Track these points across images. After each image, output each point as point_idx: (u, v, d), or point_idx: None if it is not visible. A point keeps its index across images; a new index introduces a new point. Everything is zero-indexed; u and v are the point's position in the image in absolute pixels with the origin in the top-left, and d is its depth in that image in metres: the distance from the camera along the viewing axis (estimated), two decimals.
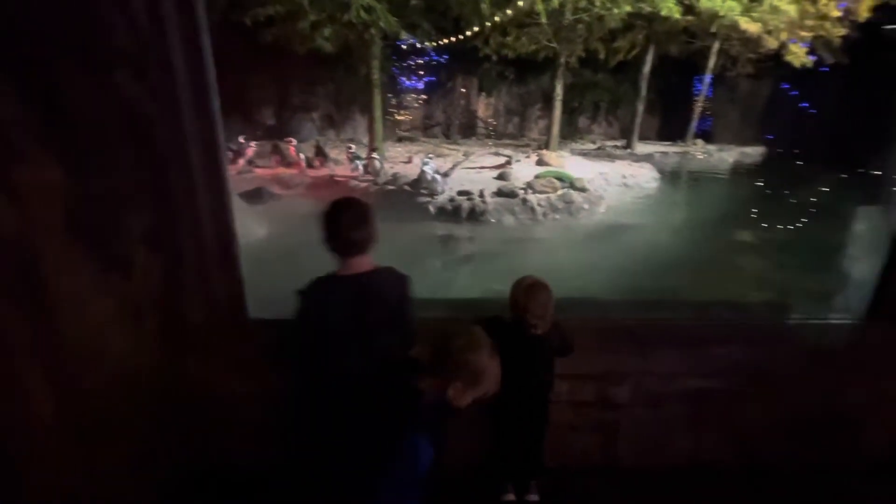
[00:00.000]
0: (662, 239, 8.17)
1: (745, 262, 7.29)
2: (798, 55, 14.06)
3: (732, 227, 9.01)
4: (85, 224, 1.56)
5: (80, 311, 1.55)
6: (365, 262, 1.61)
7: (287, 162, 12.60)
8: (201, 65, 1.94)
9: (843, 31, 13.88)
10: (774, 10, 11.31)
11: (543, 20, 12.14)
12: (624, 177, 12.22)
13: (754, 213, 9.73)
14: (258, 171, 12.10)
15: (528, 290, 1.87)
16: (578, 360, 2.04)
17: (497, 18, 12.15)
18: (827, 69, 15.36)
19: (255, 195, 9.76)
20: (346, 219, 1.55)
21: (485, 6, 11.05)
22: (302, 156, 12.45)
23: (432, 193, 9.25)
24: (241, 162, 12.24)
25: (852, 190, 11.11)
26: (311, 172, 12.13)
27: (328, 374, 1.64)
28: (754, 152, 17.13)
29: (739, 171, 15.17)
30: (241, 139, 12.36)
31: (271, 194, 10.31)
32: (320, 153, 12.99)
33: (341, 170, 12.08)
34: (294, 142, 12.95)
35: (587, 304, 3.83)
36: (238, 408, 2.18)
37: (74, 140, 1.54)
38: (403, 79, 17.45)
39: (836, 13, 13.63)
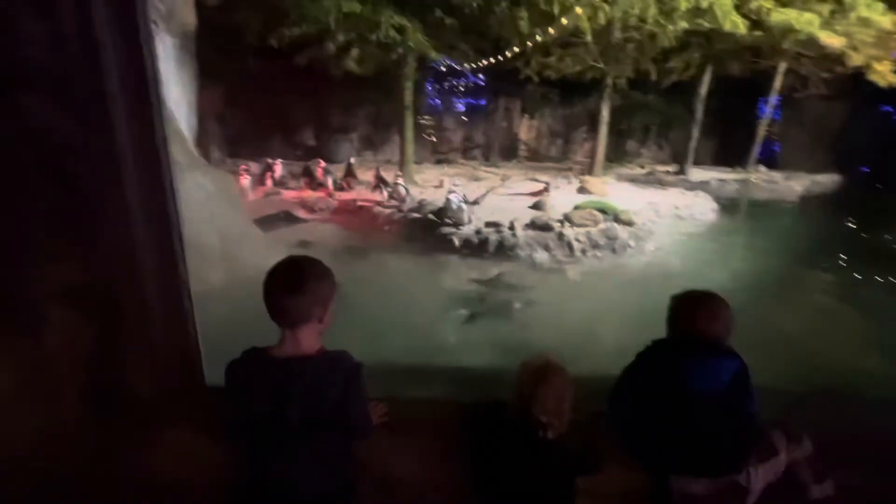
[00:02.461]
0: (726, 291, 6.77)
1: (841, 328, 5.69)
2: (883, 74, 12.41)
3: (816, 278, 7.40)
4: None
5: None
6: (305, 341, 1.33)
7: (315, 184, 12.28)
8: (144, 86, 1.66)
9: None
10: (864, 21, 9.85)
11: (589, 39, 11.33)
12: (677, 207, 11.00)
13: (843, 259, 8.12)
14: (285, 193, 11.83)
15: (537, 374, 1.41)
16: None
17: (539, 38, 11.45)
18: None
19: (274, 220, 9.39)
20: (278, 283, 1.31)
21: (524, 24, 10.37)
22: (329, 178, 12.08)
23: (458, 224, 8.50)
24: (269, 183, 12.05)
25: None
26: (340, 195, 11.72)
27: (251, 472, 1.40)
28: (827, 180, 15.30)
29: (812, 203, 13.43)
30: (269, 160, 12.20)
31: (294, 219, 9.92)
32: (350, 174, 12.60)
33: (368, 194, 11.60)
34: (322, 163, 12.65)
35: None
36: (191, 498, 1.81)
37: None
38: (440, 100, 17.12)
39: None
